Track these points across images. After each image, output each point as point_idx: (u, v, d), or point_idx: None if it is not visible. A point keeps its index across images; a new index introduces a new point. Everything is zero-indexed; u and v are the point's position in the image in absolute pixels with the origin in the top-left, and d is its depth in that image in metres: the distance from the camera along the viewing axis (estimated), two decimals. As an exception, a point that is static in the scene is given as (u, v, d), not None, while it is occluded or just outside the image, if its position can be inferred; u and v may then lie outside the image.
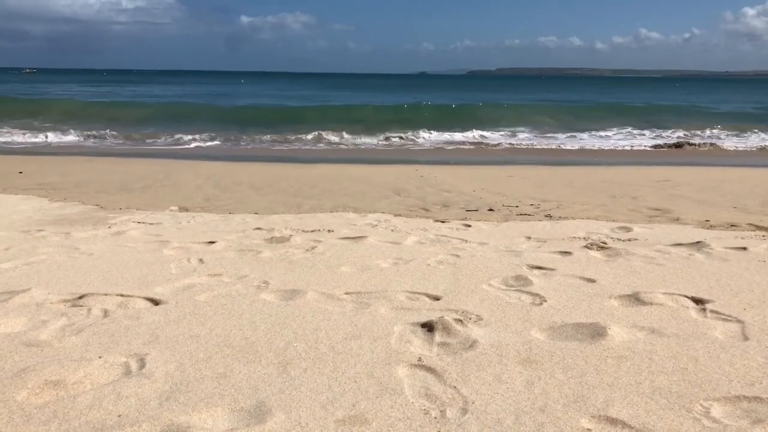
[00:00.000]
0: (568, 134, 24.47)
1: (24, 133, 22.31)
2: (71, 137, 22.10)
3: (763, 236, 5.78)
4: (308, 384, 2.62)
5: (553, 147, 21.50)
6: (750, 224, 6.78)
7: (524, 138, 23.44)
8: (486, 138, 23.25)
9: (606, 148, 21.30)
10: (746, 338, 3.11)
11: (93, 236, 5.85)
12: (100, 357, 2.88)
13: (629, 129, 25.88)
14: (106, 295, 3.87)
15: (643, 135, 24.36)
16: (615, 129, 25.93)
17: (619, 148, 21.26)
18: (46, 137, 21.84)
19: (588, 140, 23.16)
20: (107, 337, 3.15)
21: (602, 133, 24.79)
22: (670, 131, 25.02)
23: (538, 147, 21.47)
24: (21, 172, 11.88)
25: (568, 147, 21.44)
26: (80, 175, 11.67)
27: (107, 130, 23.21)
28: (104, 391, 2.53)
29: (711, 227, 6.60)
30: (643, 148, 21.39)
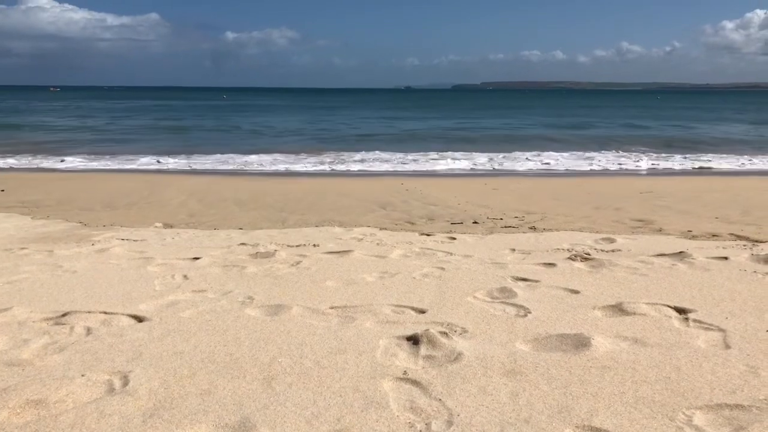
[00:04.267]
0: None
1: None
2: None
3: (744, 246, 5.85)
4: (293, 399, 2.61)
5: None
6: (731, 234, 6.86)
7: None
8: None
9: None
10: (728, 347, 3.14)
11: (76, 254, 5.80)
12: (82, 375, 2.85)
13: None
14: (89, 312, 3.83)
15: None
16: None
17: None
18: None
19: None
20: (90, 355, 3.13)
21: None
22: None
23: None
24: (2, 190, 11.78)
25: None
26: (64, 193, 11.59)
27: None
28: (87, 410, 2.51)
29: (693, 237, 6.67)
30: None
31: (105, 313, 3.83)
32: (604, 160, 20.09)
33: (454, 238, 6.59)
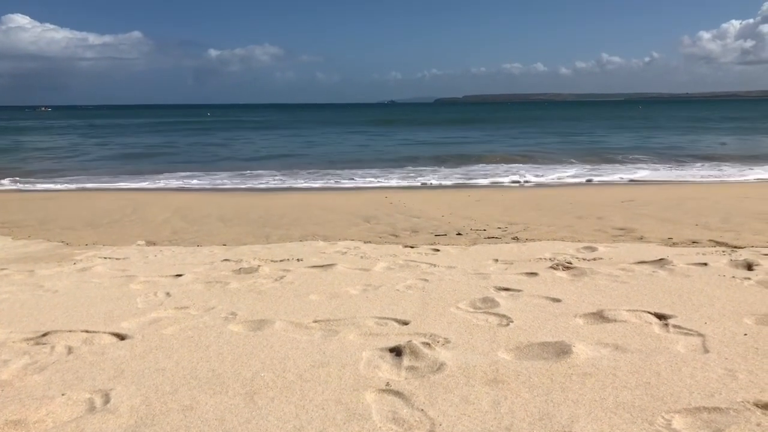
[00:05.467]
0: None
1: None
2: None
3: (723, 252, 5.92)
4: (275, 413, 2.60)
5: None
6: (711, 240, 6.94)
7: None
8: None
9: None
10: (707, 351, 3.18)
11: (58, 273, 5.76)
12: (63, 394, 2.83)
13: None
14: (70, 331, 3.80)
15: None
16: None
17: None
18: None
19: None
20: (71, 373, 3.10)
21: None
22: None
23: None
24: (-17, 211, 11.67)
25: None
26: (45, 212, 11.50)
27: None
28: (67, 429, 2.49)
29: (674, 245, 6.75)
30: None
31: (86, 331, 3.80)
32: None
33: (438, 250, 6.61)
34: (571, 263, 5.42)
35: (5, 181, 18.90)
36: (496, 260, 5.82)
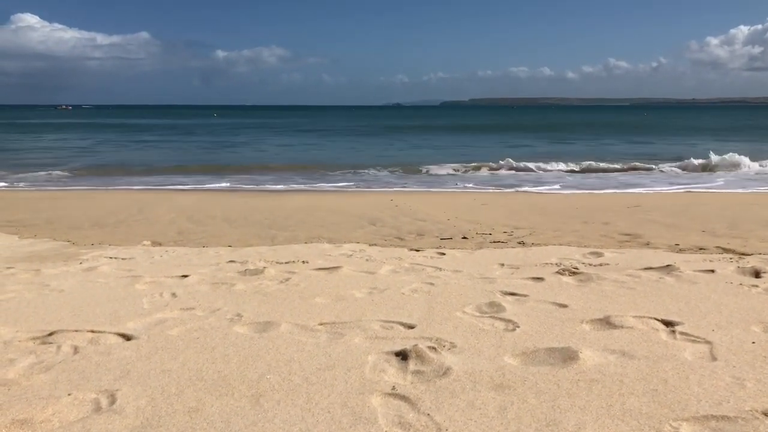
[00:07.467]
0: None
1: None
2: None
3: (731, 259, 5.89)
4: (281, 416, 2.60)
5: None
6: (718, 247, 6.91)
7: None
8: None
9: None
10: (714, 359, 3.16)
11: (64, 272, 5.77)
12: (69, 394, 2.83)
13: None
14: (76, 331, 3.81)
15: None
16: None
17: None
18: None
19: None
20: (77, 373, 3.11)
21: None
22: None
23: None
24: (-10, 209, 11.71)
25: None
26: (51, 212, 11.53)
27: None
28: (73, 429, 2.49)
29: (680, 251, 6.72)
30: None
31: (92, 331, 3.81)
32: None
33: (444, 254, 6.61)
34: (577, 268, 5.40)
35: (11, 180, 18.97)
36: (502, 265, 5.80)
